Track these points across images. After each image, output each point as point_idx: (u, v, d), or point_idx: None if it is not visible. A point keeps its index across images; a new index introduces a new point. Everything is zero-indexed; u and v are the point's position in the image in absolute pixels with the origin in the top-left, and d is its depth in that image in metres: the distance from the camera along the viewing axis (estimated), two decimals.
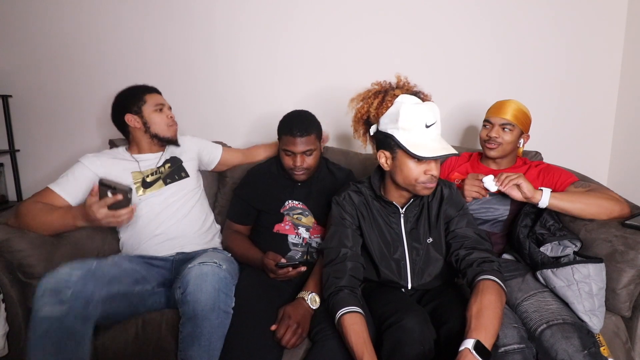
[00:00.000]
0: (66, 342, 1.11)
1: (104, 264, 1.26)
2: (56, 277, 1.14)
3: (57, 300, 1.11)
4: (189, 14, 2.07)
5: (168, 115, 1.62)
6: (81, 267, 1.18)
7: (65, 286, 1.12)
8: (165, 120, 1.60)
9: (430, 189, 1.22)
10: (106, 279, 1.22)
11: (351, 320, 1.11)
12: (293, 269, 1.37)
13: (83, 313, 1.13)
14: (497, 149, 1.52)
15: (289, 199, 1.58)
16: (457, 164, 1.68)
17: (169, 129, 1.62)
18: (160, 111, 1.60)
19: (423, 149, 1.14)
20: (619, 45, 1.96)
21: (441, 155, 1.14)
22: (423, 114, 1.15)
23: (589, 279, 1.25)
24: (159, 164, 1.62)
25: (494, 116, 1.53)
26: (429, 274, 1.30)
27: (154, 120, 1.58)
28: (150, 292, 1.36)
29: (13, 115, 2.18)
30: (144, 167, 1.59)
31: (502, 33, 1.99)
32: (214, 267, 1.26)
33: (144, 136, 1.60)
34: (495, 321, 1.05)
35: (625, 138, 1.99)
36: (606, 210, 1.38)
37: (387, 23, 2.02)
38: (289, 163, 1.51)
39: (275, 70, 2.10)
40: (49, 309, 1.10)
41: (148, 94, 1.61)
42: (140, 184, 1.55)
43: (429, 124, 1.16)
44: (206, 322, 1.18)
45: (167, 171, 1.61)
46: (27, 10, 2.11)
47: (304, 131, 1.47)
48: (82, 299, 1.14)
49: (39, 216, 1.36)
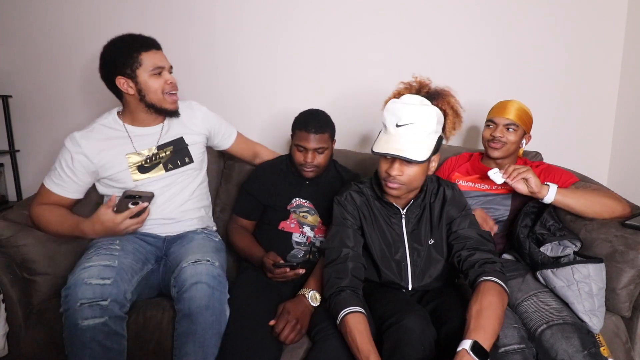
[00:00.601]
0: (111, 342, 1.15)
1: (120, 258, 1.27)
2: (92, 288, 1.15)
3: (98, 310, 1.14)
4: (189, 14, 2.07)
5: (167, 80, 1.37)
6: (109, 272, 1.20)
7: (102, 297, 1.15)
8: (163, 87, 1.36)
9: (392, 190, 1.20)
10: (129, 275, 1.26)
11: (355, 320, 1.11)
12: (291, 270, 1.35)
13: (121, 315, 1.19)
14: (502, 149, 1.52)
15: (296, 197, 1.58)
16: (457, 164, 1.68)
17: (167, 98, 1.38)
18: (159, 75, 1.35)
19: (379, 145, 1.16)
20: (619, 45, 1.96)
21: (387, 153, 1.13)
22: (396, 114, 1.15)
23: (589, 279, 1.25)
24: (160, 142, 1.43)
25: (498, 116, 1.53)
26: (430, 275, 1.30)
27: (151, 87, 1.34)
28: (151, 270, 1.39)
29: (13, 115, 2.18)
30: (140, 146, 1.40)
31: (502, 33, 1.99)
32: (207, 265, 1.27)
33: (138, 105, 1.38)
34: (495, 322, 1.04)
35: (625, 138, 1.99)
36: (609, 209, 1.38)
37: (388, 23, 2.02)
38: (299, 159, 1.51)
39: (276, 71, 2.10)
40: (91, 320, 1.13)
41: (144, 51, 1.33)
42: (136, 168, 1.40)
43: (399, 124, 1.15)
44: (201, 319, 1.19)
45: (168, 156, 1.44)
46: (27, 10, 2.11)
47: (319, 128, 1.47)
48: (118, 302, 1.18)
49: (51, 225, 1.36)
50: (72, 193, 1.42)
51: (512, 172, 1.37)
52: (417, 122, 1.14)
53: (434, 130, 1.16)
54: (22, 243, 1.32)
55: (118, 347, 1.18)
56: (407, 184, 1.19)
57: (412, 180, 1.19)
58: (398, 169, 1.16)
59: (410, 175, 1.17)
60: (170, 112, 1.42)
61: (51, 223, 1.36)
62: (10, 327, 1.34)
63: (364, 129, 2.12)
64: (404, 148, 1.13)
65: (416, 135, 1.14)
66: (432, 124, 1.15)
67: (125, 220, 1.28)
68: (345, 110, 2.08)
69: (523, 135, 1.54)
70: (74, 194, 1.42)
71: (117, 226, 1.27)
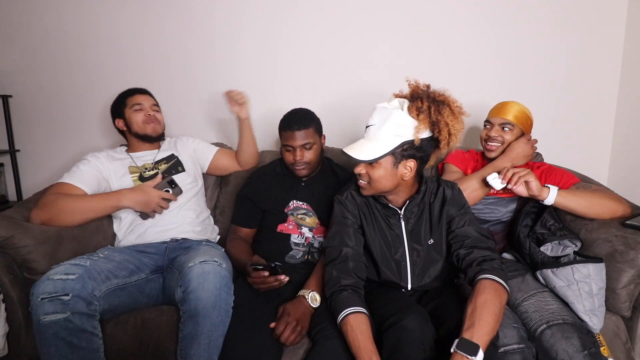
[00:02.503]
0: (79, 340, 1.14)
1: (97, 262, 1.29)
2: (52, 283, 1.15)
3: (58, 305, 1.13)
4: (188, 14, 2.07)
5: (146, 112, 1.66)
6: (76, 269, 1.20)
7: (62, 292, 1.14)
8: (142, 118, 1.65)
9: (362, 189, 1.25)
10: (103, 276, 1.26)
11: (357, 320, 1.12)
12: (271, 274, 1.28)
13: (87, 312, 1.17)
14: (498, 149, 1.52)
15: (293, 199, 1.58)
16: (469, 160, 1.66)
17: (146, 126, 1.66)
18: (140, 110, 1.66)
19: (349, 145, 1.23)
20: (619, 45, 1.96)
21: (343, 150, 1.21)
22: (370, 116, 1.21)
23: (589, 279, 1.25)
24: (156, 159, 1.69)
25: (494, 116, 1.54)
26: (429, 275, 1.30)
27: (133, 120, 1.65)
28: (145, 280, 1.40)
29: (13, 115, 2.18)
30: (140, 162, 1.67)
31: (503, 34, 1.99)
32: (215, 265, 1.27)
33: (130, 136, 1.69)
34: (490, 318, 1.03)
35: (625, 138, 1.99)
36: (609, 209, 1.38)
37: (388, 24, 2.02)
38: (289, 158, 1.53)
39: (275, 70, 2.10)
40: (51, 315, 1.12)
41: (129, 96, 1.68)
42: (137, 177, 1.62)
43: (367, 124, 1.22)
44: (207, 320, 1.19)
45: (164, 167, 1.68)
46: (27, 10, 2.11)
47: (302, 124, 1.49)
48: (83, 299, 1.16)
49: (73, 202, 1.44)
50: (84, 184, 1.50)
51: (511, 176, 1.35)
52: (376, 123, 1.18)
53: (392, 132, 1.15)
54: (22, 244, 1.31)
55: (88, 345, 1.16)
56: (370, 184, 1.22)
57: (375, 181, 1.21)
58: (360, 168, 1.21)
59: (371, 176, 1.20)
60: (153, 137, 1.69)
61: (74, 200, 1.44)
62: (10, 327, 1.34)
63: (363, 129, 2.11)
64: (355, 147, 1.19)
65: (373, 136, 1.19)
66: (390, 127, 1.15)
67: (160, 199, 1.51)
68: (345, 111, 2.08)
69: (520, 135, 1.54)
70: (86, 185, 1.51)
71: (152, 199, 1.49)
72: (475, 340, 0.99)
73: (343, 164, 1.74)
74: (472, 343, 0.98)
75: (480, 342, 0.99)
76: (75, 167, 1.56)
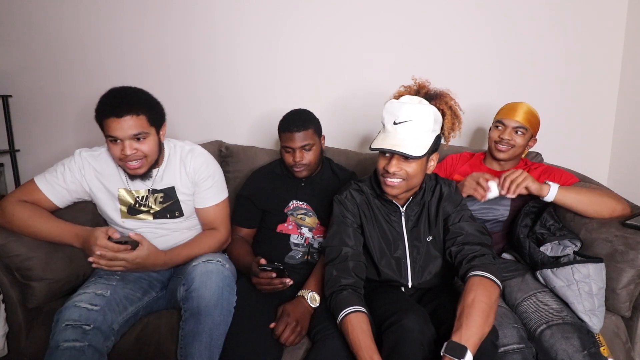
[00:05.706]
0: None
1: (116, 288, 1.28)
2: (79, 311, 1.16)
3: (80, 334, 1.14)
4: (188, 14, 2.07)
5: (122, 150, 1.28)
6: (100, 298, 1.21)
7: (86, 322, 1.15)
8: (118, 155, 1.29)
9: (390, 187, 1.20)
10: (121, 306, 1.26)
11: (357, 319, 1.12)
12: (277, 276, 1.29)
13: (101, 347, 1.16)
14: (508, 151, 1.52)
15: (293, 199, 1.58)
16: (458, 163, 1.67)
17: (124, 165, 1.32)
18: (115, 142, 1.28)
19: (377, 142, 1.19)
20: (619, 45, 1.96)
21: (385, 148, 1.15)
22: (394, 112, 1.17)
23: (588, 279, 1.25)
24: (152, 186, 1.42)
25: (508, 118, 1.51)
26: (429, 272, 1.30)
27: (110, 151, 1.32)
28: (155, 298, 1.40)
29: (13, 115, 2.19)
30: (134, 186, 1.41)
31: (503, 34, 1.99)
32: (218, 265, 1.27)
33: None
34: (478, 317, 1.03)
35: (625, 138, 1.98)
36: (609, 207, 1.38)
37: (389, 24, 2.01)
38: (289, 160, 1.53)
39: (275, 70, 2.10)
40: (71, 342, 1.13)
41: (105, 118, 1.27)
42: (126, 209, 1.41)
43: (397, 121, 1.16)
44: (209, 319, 1.19)
45: (158, 207, 1.43)
46: (27, 10, 2.11)
47: (301, 126, 1.49)
48: (102, 332, 1.17)
49: (32, 219, 1.30)
50: (57, 198, 1.37)
51: (508, 185, 1.36)
52: (414, 119, 1.15)
53: (430, 128, 1.17)
54: (15, 253, 1.29)
55: None
56: (406, 181, 1.20)
57: (411, 177, 1.19)
58: (396, 166, 1.17)
59: (408, 172, 1.18)
60: (132, 176, 1.38)
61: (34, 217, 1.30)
62: (10, 327, 1.34)
63: (363, 129, 2.12)
64: (401, 144, 1.14)
65: (413, 132, 1.16)
66: (429, 122, 1.16)
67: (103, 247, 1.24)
68: (345, 111, 2.08)
69: (530, 139, 1.54)
70: (58, 199, 1.37)
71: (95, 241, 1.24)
72: (463, 342, 0.99)
73: (343, 164, 1.75)
74: (459, 345, 0.98)
75: (469, 344, 0.98)
76: (55, 172, 1.38)
